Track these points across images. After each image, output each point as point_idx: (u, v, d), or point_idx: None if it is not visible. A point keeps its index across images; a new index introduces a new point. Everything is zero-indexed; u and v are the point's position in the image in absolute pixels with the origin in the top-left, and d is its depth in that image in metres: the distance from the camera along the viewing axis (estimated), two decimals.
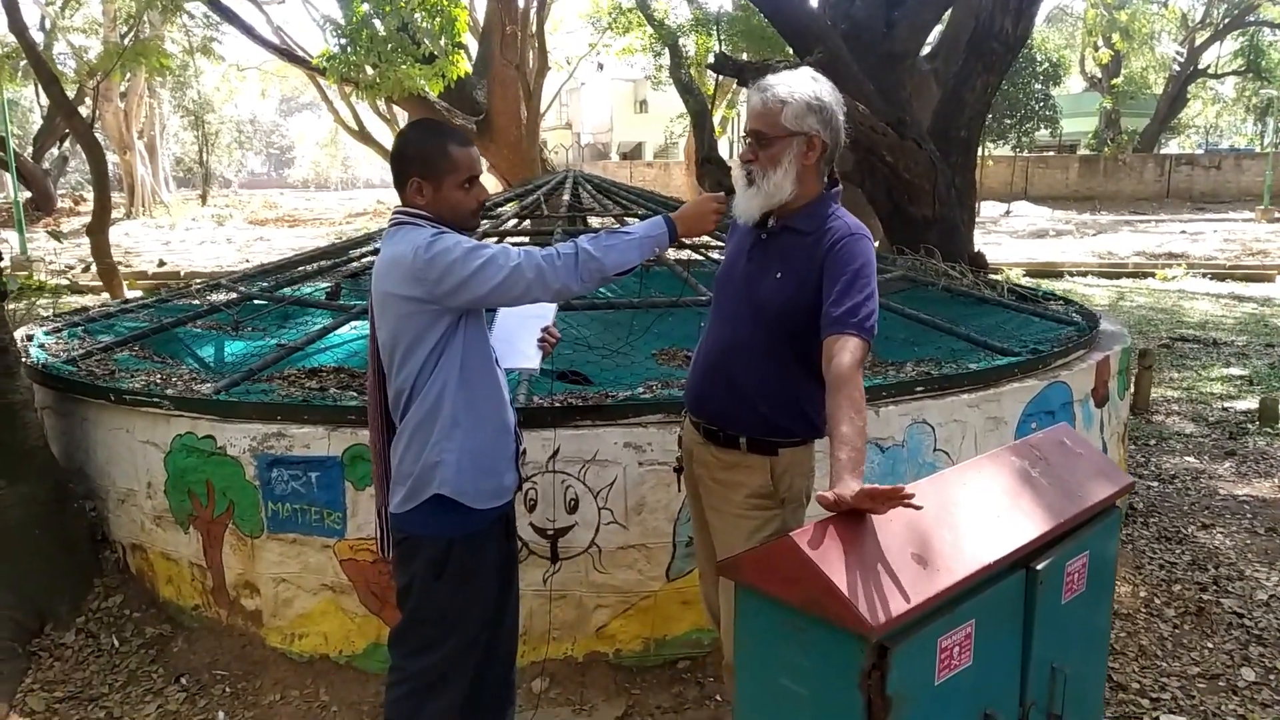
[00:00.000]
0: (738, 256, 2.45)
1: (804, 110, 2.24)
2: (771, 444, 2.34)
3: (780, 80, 2.28)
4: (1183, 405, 7.05)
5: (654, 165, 37.83)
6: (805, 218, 2.32)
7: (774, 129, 2.26)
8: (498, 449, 2.38)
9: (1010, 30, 6.82)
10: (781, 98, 2.25)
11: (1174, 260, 16.20)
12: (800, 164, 2.27)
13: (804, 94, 2.25)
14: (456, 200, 2.30)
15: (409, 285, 2.20)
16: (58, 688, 3.23)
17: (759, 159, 2.29)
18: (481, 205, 2.38)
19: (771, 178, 2.27)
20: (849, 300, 2.16)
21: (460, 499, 2.29)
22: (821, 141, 2.27)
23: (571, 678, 3.22)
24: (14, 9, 10.47)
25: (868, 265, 2.22)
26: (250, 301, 4.82)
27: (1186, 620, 3.74)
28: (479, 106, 12.66)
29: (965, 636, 1.81)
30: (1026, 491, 2.09)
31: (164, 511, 3.48)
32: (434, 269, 2.17)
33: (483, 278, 2.17)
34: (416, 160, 2.29)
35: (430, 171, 2.28)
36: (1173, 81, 31.51)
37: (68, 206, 25.12)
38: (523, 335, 2.58)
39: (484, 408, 2.34)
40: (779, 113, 2.25)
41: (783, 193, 2.28)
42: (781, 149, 2.26)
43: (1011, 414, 3.64)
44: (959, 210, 7.09)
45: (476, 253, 2.18)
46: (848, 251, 2.22)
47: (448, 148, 2.29)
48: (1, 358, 3.51)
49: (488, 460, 2.34)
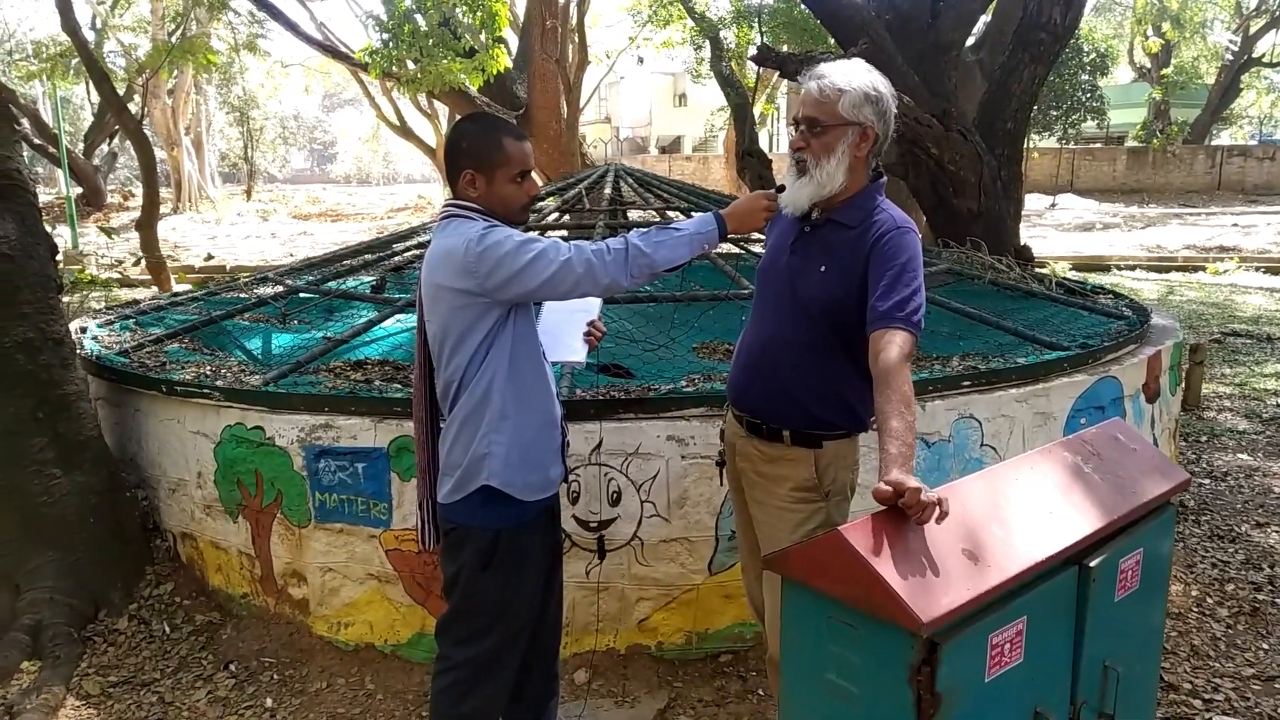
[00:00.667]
0: (780, 250, 2.43)
1: (861, 100, 2.22)
2: (815, 437, 2.32)
3: (837, 69, 2.26)
4: (1235, 401, 6.89)
5: (692, 159, 37.69)
6: (850, 210, 2.30)
7: (830, 117, 2.24)
8: (544, 441, 2.38)
9: (1059, 20, 6.69)
10: (840, 86, 2.22)
11: (1226, 254, 15.81)
12: (853, 155, 2.25)
13: (862, 84, 2.23)
14: (508, 194, 2.32)
15: (460, 278, 2.22)
16: (111, 672, 3.31)
17: (811, 147, 2.27)
18: (533, 200, 2.40)
19: (825, 167, 2.25)
20: (896, 294, 2.14)
21: (508, 490, 2.31)
22: (875, 134, 2.26)
23: (614, 669, 3.23)
24: (67, 9, 10.68)
25: (915, 259, 2.20)
26: (297, 295, 4.88)
27: (1240, 620, 3.66)
28: (519, 101, 12.71)
29: (1016, 633, 1.78)
30: (1079, 487, 2.06)
31: (214, 501, 3.54)
32: (485, 262, 2.18)
33: (533, 271, 2.18)
34: (470, 153, 2.31)
35: (483, 164, 2.30)
36: (1225, 71, 30.73)
37: (117, 201, 25.59)
38: (569, 329, 2.58)
39: (532, 400, 2.35)
40: (836, 100, 2.23)
41: (834, 183, 2.26)
42: (836, 138, 2.24)
43: (1060, 409, 3.59)
44: (1005, 203, 6.98)
45: (527, 246, 2.19)
46: (894, 245, 2.20)
47: (502, 141, 2.30)
48: (57, 350, 3.59)
49: (535, 453, 2.35)
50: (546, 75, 12.57)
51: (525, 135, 2.40)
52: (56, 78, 16.65)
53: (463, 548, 2.36)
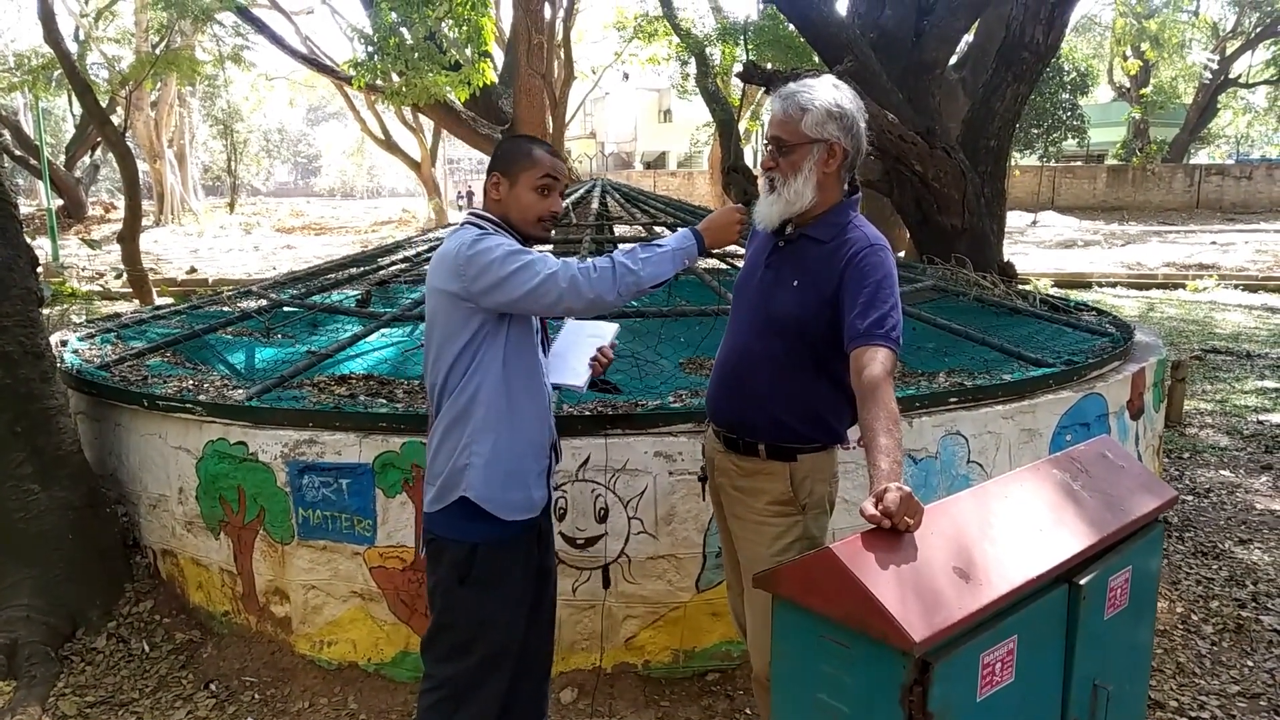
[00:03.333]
0: (756, 264, 2.46)
1: (824, 117, 2.25)
2: (790, 450, 2.33)
3: (801, 87, 2.28)
4: (1216, 418, 6.94)
5: (677, 174, 37.83)
6: (824, 226, 2.32)
7: (794, 136, 2.27)
8: (529, 463, 2.37)
9: (1041, 40, 6.76)
10: (802, 105, 2.25)
11: (1205, 271, 15.97)
12: (821, 171, 2.28)
13: (824, 101, 2.25)
14: (528, 201, 2.34)
15: (450, 280, 2.24)
16: (89, 692, 3.25)
17: (780, 166, 2.30)
18: (554, 217, 2.39)
19: (792, 185, 2.28)
20: (875, 311, 2.15)
21: (485, 505, 2.29)
22: (842, 149, 2.28)
23: (600, 689, 3.20)
24: (50, 21, 10.63)
25: (889, 276, 2.22)
26: (280, 309, 4.85)
27: (1225, 637, 3.67)
28: (505, 115, 12.72)
29: (1008, 652, 1.77)
30: (1069, 505, 2.06)
31: (195, 517, 3.50)
32: (473, 266, 2.20)
33: (516, 281, 2.19)
34: (501, 157, 2.37)
35: (509, 167, 2.34)
36: (1203, 91, 31.14)
37: (99, 214, 25.44)
38: (577, 352, 2.57)
39: (521, 420, 2.33)
40: (799, 120, 2.26)
41: (803, 200, 2.28)
42: (802, 156, 2.27)
43: (1046, 426, 3.60)
44: (989, 220, 7.03)
45: (515, 256, 2.21)
46: (868, 264, 2.22)
47: (532, 148, 2.37)
48: (37, 363, 3.54)
49: (518, 472, 2.33)
50: (532, 90, 12.58)
51: (557, 152, 2.42)
52: (39, 89, 16.54)
53: (440, 560, 2.34)
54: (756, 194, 12.73)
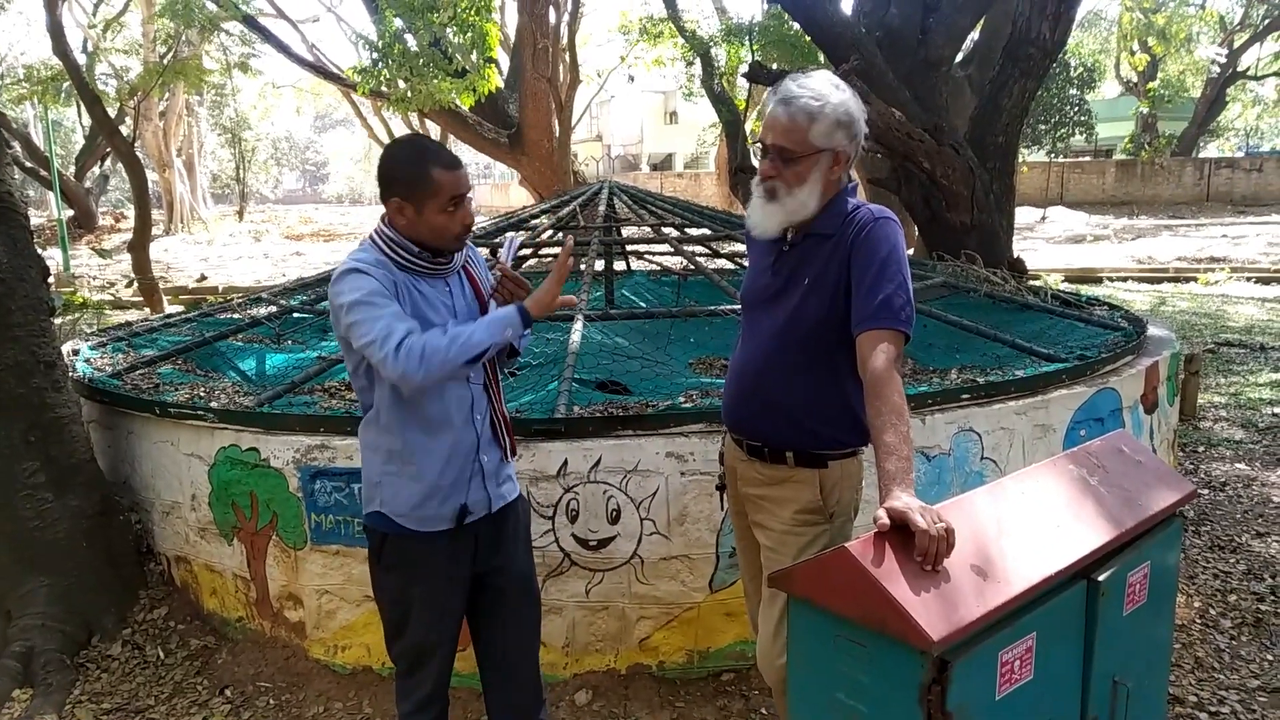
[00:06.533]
0: (761, 271, 2.34)
1: (833, 126, 2.12)
2: (821, 457, 2.25)
3: (805, 91, 2.13)
4: (1231, 411, 6.90)
5: (684, 176, 37.79)
6: (826, 219, 2.20)
7: (801, 146, 2.13)
8: (444, 478, 2.28)
9: (1048, 35, 6.72)
10: (810, 113, 2.11)
11: (1216, 264, 15.89)
12: (825, 179, 2.17)
13: (833, 109, 2.12)
14: (439, 224, 2.20)
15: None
16: (105, 699, 3.26)
17: (782, 175, 2.17)
18: (467, 228, 2.25)
19: (798, 195, 2.16)
20: (880, 292, 2.06)
21: (399, 521, 2.28)
22: (847, 155, 2.18)
23: (615, 690, 3.19)
24: (59, 34, 10.70)
25: (895, 250, 2.11)
26: (290, 315, 4.86)
27: (1244, 631, 3.64)
28: (510, 120, 12.74)
29: (1026, 650, 1.76)
30: (1086, 500, 2.04)
31: (208, 524, 3.50)
32: (332, 302, 2.20)
33: (355, 333, 2.13)
34: (398, 181, 2.20)
35: (411, 193, 2.18)
36: (1211, 84, 31.00)
37: (109, 224, 25.57)
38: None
39: (427, 437, 2.25)
40: (807, 129, 2.12)
41: (806, 210, 2.18)
42: (808, 167, 2.15)
43: (1060, 421, 3.58)
44: (998, 216, 7.00)
45: (358, 309, 2.12)
46: (872, 238, 2.12)
47: (430, 171, 2.18)
48: (49, 373, 3.55)
49: (434, 493, 2.27)
50: (538, 94, 12.61)
51: (458, 163, 2.25)
52: (48, 101, 16.64)
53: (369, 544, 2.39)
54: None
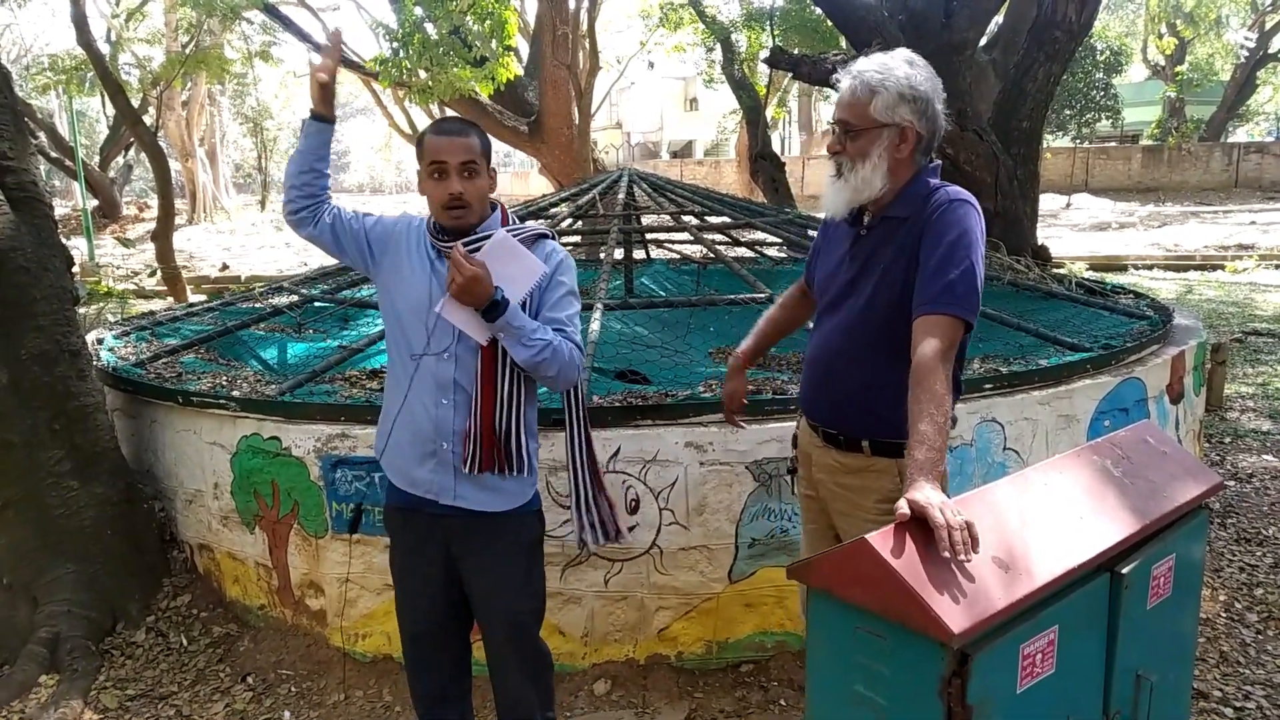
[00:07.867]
0: (837, 257, 2.30)
1: (895, 100, 2.08)
2: (897, 445, 2.16)
3: (871, 65, 2.11)
4: (1258, 401, 6.80)
5: (704, 163, 37.66)
6: (903, 203, 2.16)
7: (862, 120, 2.11)
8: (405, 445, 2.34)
9: (1074, 18, 6.63)
10: (872, 86, 2.08)
11: (1245, 252, 15.64)
12: (892, 157, 2.12)
13: (896, 82, 2.08)
14: (429, 190, 2.26)
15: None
16: (129, 685, 3.30)
17: (846, 150, 2.15)
18: (452, 200, 2.21)
19: (860, 171, 2.13)
20: (943, 276, 2.01)
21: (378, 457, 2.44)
22: (916, 133, 2.12)
23: (633, 680, 3.19)
24: (83, 24, 10.74)
25: (967, 234, 2.04)
26: (311, 304, 4.88)
27: (1270, 626, 3.59)
28: (530, 108, 12.71)
29: (1048, 643, 1.74)
30: (1110, 492, 2.01)
31: (230, 512, 3.53)
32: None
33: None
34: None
35: (418, 159, 2.31)
36: (1240, 67, 30.49)
37: (133, 213, 25.75)
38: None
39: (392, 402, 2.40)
40: (868, 103, 2.09)
41: (872, 188, 2.13)
42: (870, 141, 2.11)
43: (1084, 411, 3.54)
44: (1022, 203, 6.92)
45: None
46: (944, 220, 2.06)
47: (425, 135, 2.28)
48: (74, 361, 3.58)
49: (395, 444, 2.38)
50: (558, 81, 12.56)
51: (455, 130, 2.27)
52: (72, 90, 16.75)
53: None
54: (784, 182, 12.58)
